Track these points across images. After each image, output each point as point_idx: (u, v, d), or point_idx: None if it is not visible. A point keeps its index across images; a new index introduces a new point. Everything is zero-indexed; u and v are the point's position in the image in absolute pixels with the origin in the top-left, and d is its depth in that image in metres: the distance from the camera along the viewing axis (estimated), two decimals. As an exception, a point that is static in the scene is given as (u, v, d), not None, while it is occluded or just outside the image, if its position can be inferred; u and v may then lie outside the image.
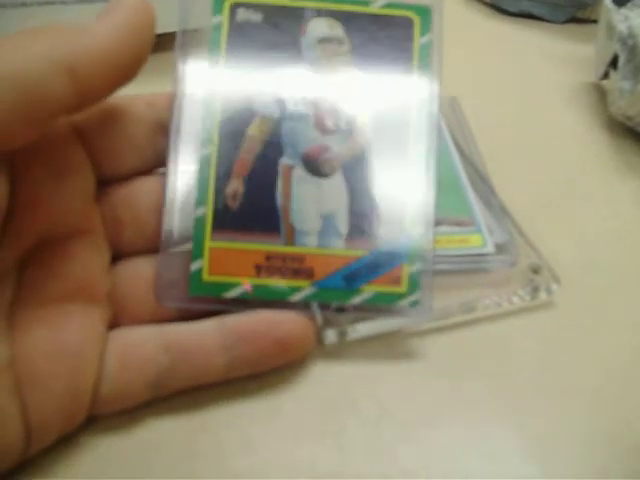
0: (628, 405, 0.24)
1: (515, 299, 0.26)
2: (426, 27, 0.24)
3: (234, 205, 0.23)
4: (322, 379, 0.24)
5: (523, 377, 0.24)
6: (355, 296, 0.23)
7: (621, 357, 0.25)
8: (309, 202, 0.23)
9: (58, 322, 0.20)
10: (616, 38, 0.36)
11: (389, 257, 0.23)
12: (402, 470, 0.21)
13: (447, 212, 0.28)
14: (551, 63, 0.43)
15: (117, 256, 0.23)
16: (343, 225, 0.23)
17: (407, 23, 0.24)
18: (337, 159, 0.23)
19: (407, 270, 0.23)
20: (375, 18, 0.24)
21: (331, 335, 0.24)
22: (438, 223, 0.28)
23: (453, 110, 0.35)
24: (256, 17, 0.23)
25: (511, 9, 0.48)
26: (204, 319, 0.22)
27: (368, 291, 0.23)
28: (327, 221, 0.23)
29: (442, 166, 0.30)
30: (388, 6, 0.24)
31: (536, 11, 0.48)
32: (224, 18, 0.23)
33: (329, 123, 0.23)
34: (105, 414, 0.22)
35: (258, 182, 0.23)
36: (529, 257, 0.27)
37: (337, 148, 0.23)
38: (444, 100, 0.35)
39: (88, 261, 0.22)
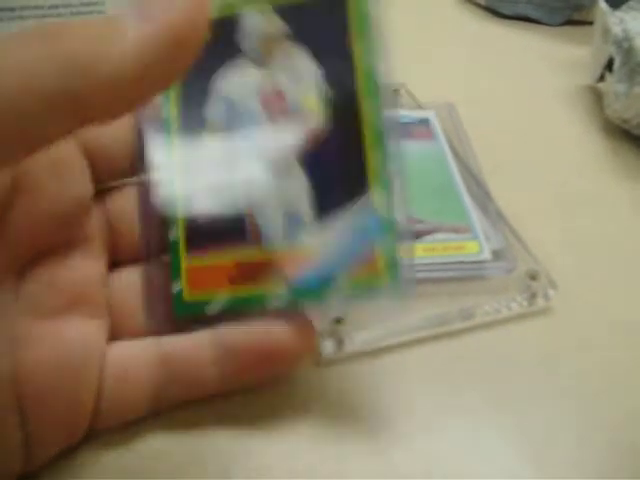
0: (627, 410, 0.24)
1: (514, 305, 0.26)
2: (363, 1, 0.22)
3: (200, 220, 0.22)
4: (320, 387, 0.24)
5: (522, 383, 0.24)
6: (332, 292, 0.21)
7: (620, 361, 0.25)
8: (271, 201, 0.22)
9: (59, 335, 0.20)
10: (611, 41, 0.36)
11: (360, 239, 0.21)
12: (402, 477, 0.21)
13: (443, 219, 0.28)
14: (548, 66, 0.43)
15: (113, 264, 0.23)
16: (308, 219, 0.22)
17: (341, 2, 0.22)
18: (292, 151, 0.22)
19: (383, 256, 0.21)
20: (311, 5, 0.22)
21: (329, 346, 0.24)
22: (435, 230, 0.28)
23: (450, 116, 0.35)
24: None
25: (507, 12, 0.49)
26: (199, 331, 0.22)
27: (346, 284, 0.21)
28: (291, 217, 0.22)
29: (439, 172, 0.31)
30: None
31: (532, 14, 0.48)
32: None
33: (279, 116, 0.22)
34: (104, 428, 0.22)
35: (219, 191, 0.22)
36: (526, 263, 0.27)
37: (291, 139, 0.22)
38: (441, 106, 0.35)
39: (86, 270, 0.22)
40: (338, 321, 0.25)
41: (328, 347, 0.24)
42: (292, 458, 0.22)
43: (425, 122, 0.33)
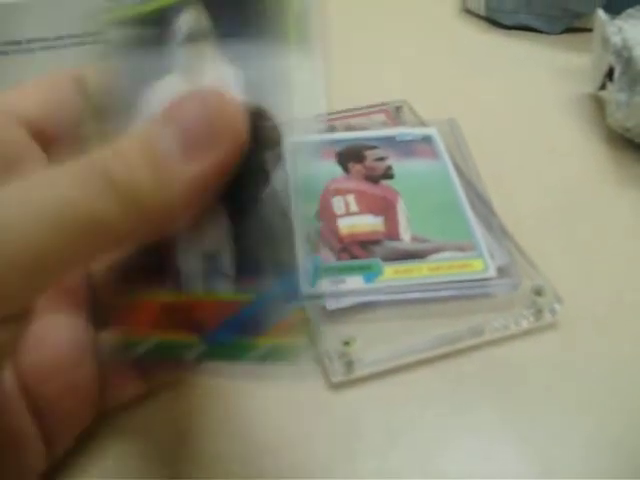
0: (634, 423, 0.24)
1: (522, 321, 0.27)
2: None
3: (126, 258, 0.20)
4: (329, 406, 0.24)
5: (531, 398, 0.25)
6: (250, 352, 0.20)
7: (627, 374, 0.25)
8: (190, 241, 0.20)
9: (50, 337, 0.21)
10: (611, 50, 0.37)
11: (282, 299, 0.19)
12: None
13: (448, 237, 0.29)
14: (549, 75, 0.44)
15: None
16: (228, 264, 0.20)
17: None
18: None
19: (301, 314, 0.20)
20: None
21: (338, 368, 0.25)
22: (440, 249, 0.28)
23: (452, 132, 0.35)
24: (129, 34, 0.20)
25: (507, 22, 0.49)
26: None
27: (263, 345, 0.19)
28: (211, 260, 0.20)
29: (442, 190, 0.31)
30: None
31: (532, 23, 0.48)
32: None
33: None
34: (108, 410, 0.23)
35: None
36: (531, 278, 0.28)
37: None
38: (443, 122, 0.36)
39: None
40: (347, 343, 0.25)
41: (338, 369, 0.25)
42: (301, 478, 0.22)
43: (428, 139, 0.34)
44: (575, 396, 0.25)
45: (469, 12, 0.51)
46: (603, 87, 0.38)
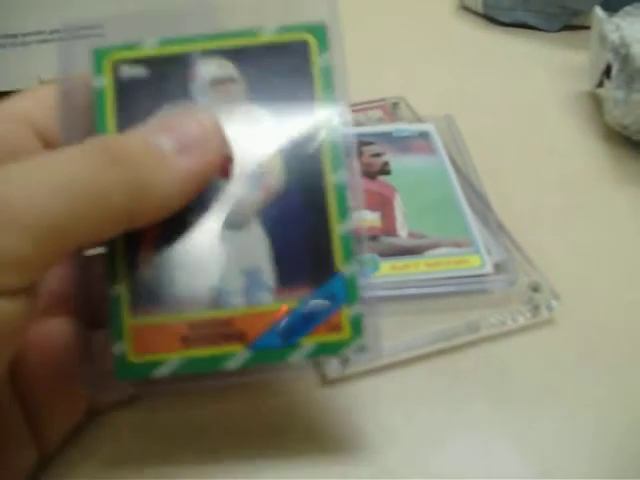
0: (631, 419, 0.24)
1: (519, 318, 0.27)
2: (323, 47, 0.22)
3: (149, 276, 0.21)
4: (325, 405, 0.24)
5: (527, 395, 0.25)
6: (295, 352, 0.21)
7: (623, 370, 0.25)
8: (228, 259, 0.21)
9: (46, 341, 0.21)
10: (608, 48, 0.36)
11: (324, 303, 0.21)
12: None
13: (445, 233, 0.29)
14: (547, 72, 0.43)
15: None
16: (269, 277, 0.21)
17: (302, 47, 0.22)
18: (250, 207, 0.21)
19: (346, 313, 0.21)
20: (267, 48, 0.22)
21: (334, 365, 0.24)
22: (437, 245, 0.28)
23: (449, 128, 0.35)
24: (141, 72, 0.22)
25: (505, 19, 0.49)
26: None
27: (308, 344, 0.21)
28: (251, 276, 0.21)
29: (439, 186, 0.31)
30: (279, 32, 0.22)
31: (530, 20, 0.48)
32: (107, 79, 0.22)
33: (237, 170, 0.21)
34: (99, 410, 0.23)
35: (171, 245, 0.21)
36: (528, 275, 0.28)
37: (248, 195, 0.21)
38: (440, 118, 0.36)
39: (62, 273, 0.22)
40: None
41: (333, 365, 0.24)
42: (298, 477, 0.22)
43: (425, 135, 0.33)
44: (571, 393, 0.25)
45: (467, 9, 0.51)
46: (601, 84, 0.38)
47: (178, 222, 0.21)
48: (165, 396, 0.24)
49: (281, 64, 0.22)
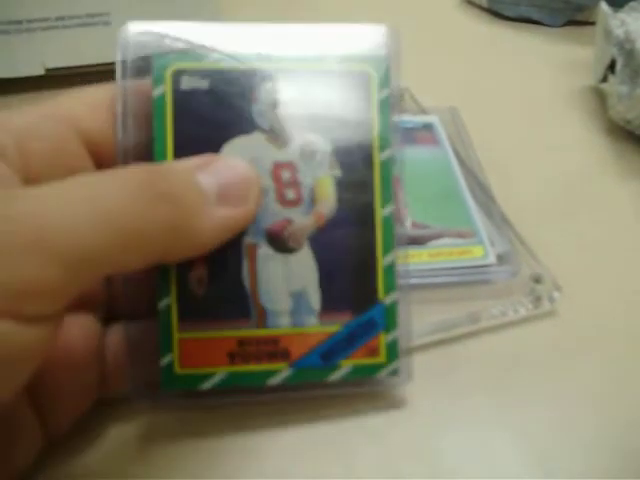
0: (631, 411, 0.24)
1: (520, 308, 0.27)
2: (384, 81, 0.23)
3: (200, 292, 0.21)
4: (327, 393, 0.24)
5: (527, 385, 0.25)
6: (334, 372, 0.22)
7: (624, 362, 0.26)
8: (277, 281, 0.22)
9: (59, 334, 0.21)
10: (613, 42, 0.37)
11: (365, 328, 0.22)
12: (406, 477, 0.22)
13: (448, 224, 0.29)
14: (550, 67, 0.44)
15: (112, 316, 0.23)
16: (315, 301, 0.22)
17: (364, 78, 0.23)
18: (302, 232, 0.22)
19: (384, 339, 0.22)
20: (330, 75, 0.22)
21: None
22: (440, 235, 0.28)
23: (453, 120, 0.35)
24: (202, 84, 0.22)
25: (509, 14, 0.49)
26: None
27: (346, 365, 0.22)
28: (298, 298, 0.22)
29: (443, 177, 0.31)
30: (343, 60, 0.23)
31: (534, 15, 0.48)
32: (167, 88, 0.21)
33: (291, 195, 0.22)
34: (109, 396, 0.23)
35: (222, 264, 0.22)
36: (530, 266, 0.28)
37: (301, 220, 0.22)
38: (444, 110, 0.36)
39: None
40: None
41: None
42: (305, 471, 0.22)
43: (429, 127, 0.34)
44: (572, 384, 0.25)
45: (471, 3, 0.51)
46: (605, 79, 0.38)
47: (230, 242, 0.21)
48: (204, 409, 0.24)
49: (341, 92, 0.22)
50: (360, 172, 0.22)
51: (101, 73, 0.38)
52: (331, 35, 0.23)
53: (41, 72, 0.37)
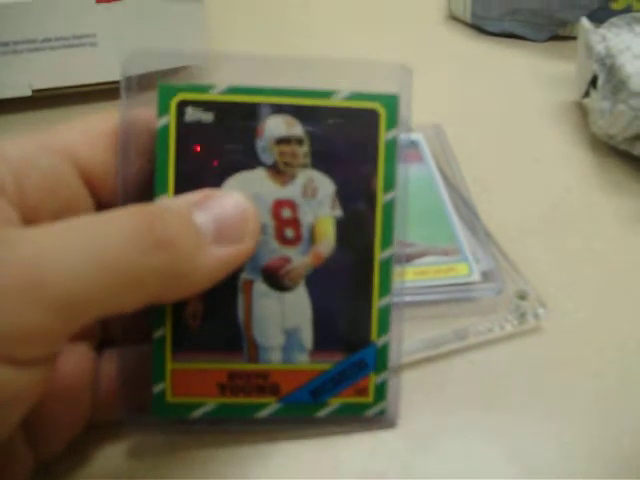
0: (616, 426, 0.24)
1: (506, 325, 0.27)
2: (392, 121, 0.22)
3: (194, 325, 0.22)
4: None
5: (513, 402, 0.25)
6: (321, 409, 0.23)
7: (609, 379, 0.26)
8: (271, 317, 0.22)
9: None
10: (594, 58, 0.37)
11: (356, 369, 0.23)
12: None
13: (433, 241, 0.29)
14: (534, 82, 0.44)
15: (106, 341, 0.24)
16: (307, 339, 0.22)
17: (372, 116, 0.22)
18: (299, 272, 0.22)
19: (373, 380, 0.23)
20: (338, 112, 0.22)
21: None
22: (425, 253, 0.28)
23: (437, 138, 0.35)
24: (207, 117, 0.22)
25: (492, 29, 0.49)
26: None
27: (334, 403, 0.23)
28: (291, 336, 0.22)
29: (428, 194, 0.31)
30: (351, 98, 0.22)
31: (518, 31, 0.49)
32: (171, 119, 0.21)
33: (290, 233, 0.22)
34: (104, 420, 0.23)
35: (218, 299, 0.22)
36: (515, 283, 0.28)
37: (299, 259, 0.22)
38: (428, 127, 0.36)
39: None
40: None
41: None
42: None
43: (413, 144, 0.34)
44: (558, 400, 0.25)
45: (455, 19, 0.51)
46: (587, 95, 0.39)
47: (227, 277, 0.21)
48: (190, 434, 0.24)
49: (348, 131, 0.22)
50: (362, 213, 0.22)
51: (88, 94, 0.39)
52: (342, 70, 0.23)
53: (28, 93, 0.37)
